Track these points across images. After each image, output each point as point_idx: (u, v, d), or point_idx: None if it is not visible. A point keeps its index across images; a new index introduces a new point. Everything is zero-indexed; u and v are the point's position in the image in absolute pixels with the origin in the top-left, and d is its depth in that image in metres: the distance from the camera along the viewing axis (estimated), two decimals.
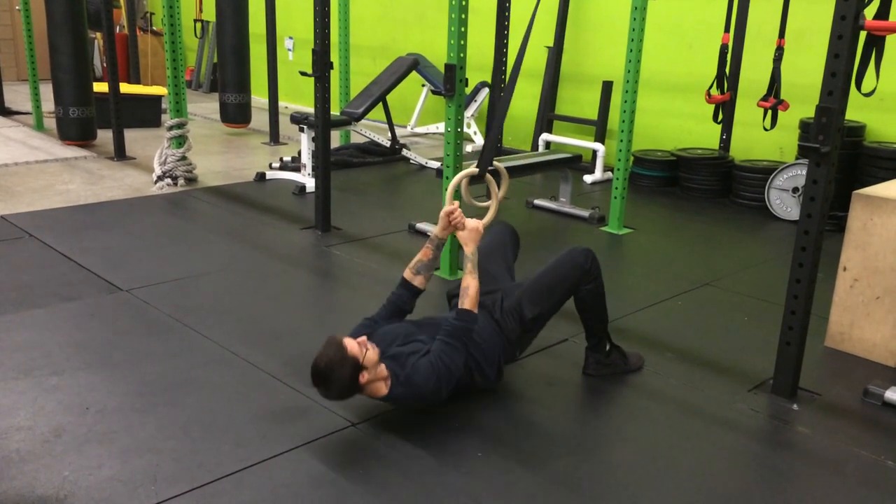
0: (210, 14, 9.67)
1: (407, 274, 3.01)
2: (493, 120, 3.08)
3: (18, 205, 5.27)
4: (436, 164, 6.76)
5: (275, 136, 7.87)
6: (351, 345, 2.57)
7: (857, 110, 5.31)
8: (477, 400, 2.96)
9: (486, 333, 2.92)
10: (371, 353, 2.61)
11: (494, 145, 3.31)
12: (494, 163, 3.32)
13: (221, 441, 2.61)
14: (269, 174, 6.39)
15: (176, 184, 5.92)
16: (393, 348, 2.77)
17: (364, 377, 2.58)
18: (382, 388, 2.66)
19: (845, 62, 2.66)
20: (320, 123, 4.86)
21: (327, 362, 2.53)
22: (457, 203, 3.02)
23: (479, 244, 2.94)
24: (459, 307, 2.80)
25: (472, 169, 3.25)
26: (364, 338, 2.68)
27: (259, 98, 8.93)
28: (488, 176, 3.23)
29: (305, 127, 6.04)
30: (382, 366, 2.67)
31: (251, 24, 8.12)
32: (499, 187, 3.31)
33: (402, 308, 3.02)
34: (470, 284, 2.82)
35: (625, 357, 3.23)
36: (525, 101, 7.59)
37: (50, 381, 2.95)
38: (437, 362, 2.67)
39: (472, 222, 2.96)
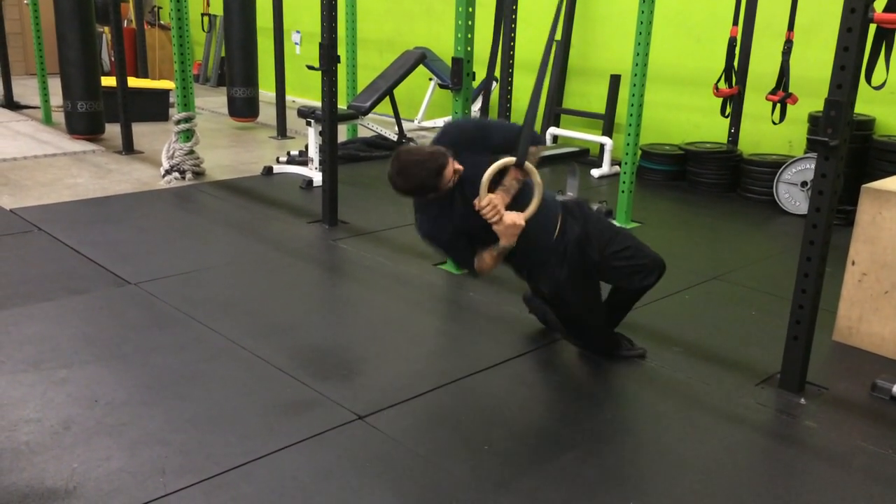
0: (217, 8, 9.68)
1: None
2: (527, 111, 3.07)
3: (27, 198, 5.29)
4: None
5: (282, 130, 7.87)
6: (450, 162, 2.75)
7: (866, 104, 5.26)
8: (483, 393, 2.97)
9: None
10: (452, 164, 2.77)
11: (530, 137, 3.07)
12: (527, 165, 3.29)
13: (229, 433, 2.62)
14: (277, 168, 6.40)
15: (184, 178, 5.93)
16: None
17: (446, 173, 2.75)
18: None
19: (855, 55, 2.65)
20: (327, 117, 4.86)
21: (417, 151, 2.77)
22: (491, 196, 2.81)
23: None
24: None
25: (509, 159, 2.97)
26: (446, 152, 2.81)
27: (266, 92, 8.93)
28: (528, 166, 3.07)
29: (312, 121, 6.04)
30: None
31: (258, 18, 8.12)
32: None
33: None
34: (486, 262, 2.91)
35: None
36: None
37: (59, 374, 2.97)
38: (435, 228, 2.90)
39: (510, 216, 2.82)
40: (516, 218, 2.83)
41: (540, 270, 3.07)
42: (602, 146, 6.66)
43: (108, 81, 7.18)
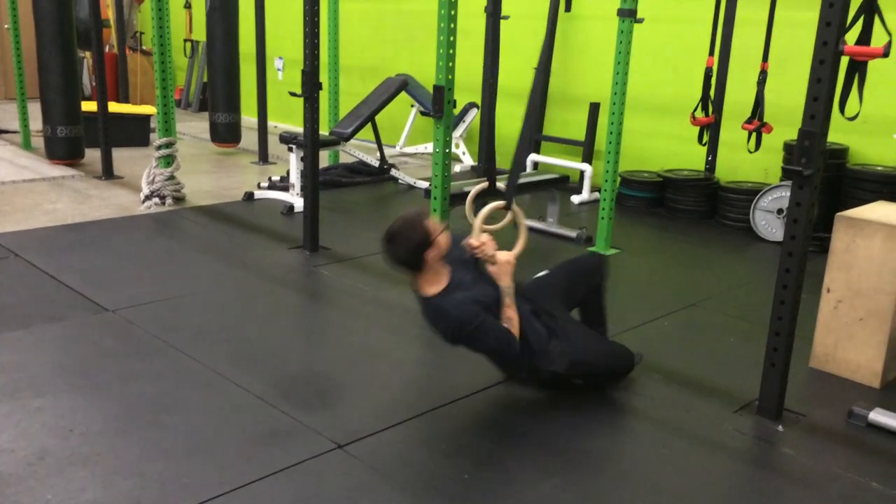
0: (200, 34, 9.69)
1: None
2: (517, 150, 3.23)
3: (4, 224, 5.24)
4: (424, 185, 6.78)
5: (264, 156, 7.87)
6: (433, 222, 2.76)
7: (840, 133, 5.36)
8: (463, 421, 2.96)
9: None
10: (444, 239, 2.78)
11: (518, 176, 3.38)
12: (514, 207, 3.30)
13: (206, 464, 2.59)
14: (258, 194, 6.39)
15: (164, 203, 5.90)
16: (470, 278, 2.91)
17: (429, 255, 2.76)
18: (429, 289, 2.83)
19: (827, 86, 2.70)
20: (309, 143, 4.87)
21: (404, 222, 2.77)
22: (484, 236, 2.98)
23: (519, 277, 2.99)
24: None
25: (499, 203, 3.25)
26: (447, 226, 2.87)
27: (248, 118, 8.93)
28: (515, 208, 3.24)
29: (294, 147, 6.05)
30: (448, 270, 2.84)
31: (241, 44, 8.15)
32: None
33: None
34: (512, 317, 2.93)
35: None
36: (513, 121, 7.60)
37: (34, 403, 2.93)
38: (470, 312, 2.78)
39: (503, 255, 2.97)
40: (508, 256, 2.99)
41: (543, 357, 3.04)
42: (582, 173, 6.72)
43: (89, 106, 7.15)
